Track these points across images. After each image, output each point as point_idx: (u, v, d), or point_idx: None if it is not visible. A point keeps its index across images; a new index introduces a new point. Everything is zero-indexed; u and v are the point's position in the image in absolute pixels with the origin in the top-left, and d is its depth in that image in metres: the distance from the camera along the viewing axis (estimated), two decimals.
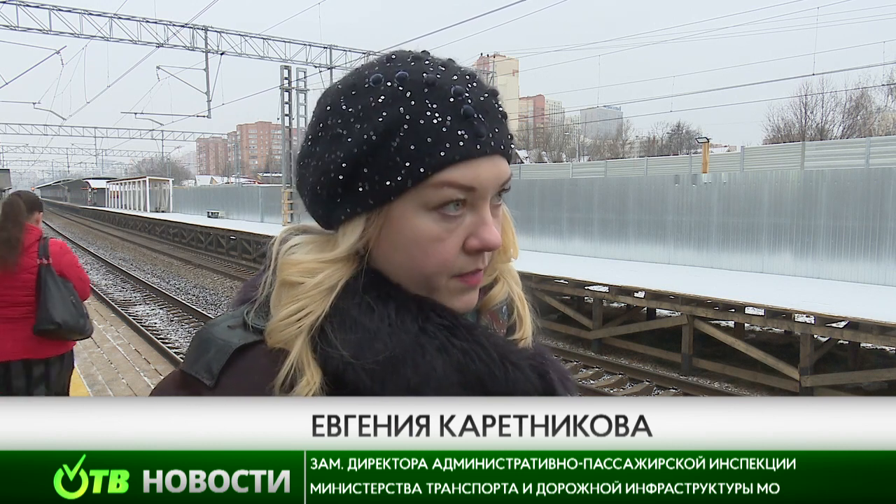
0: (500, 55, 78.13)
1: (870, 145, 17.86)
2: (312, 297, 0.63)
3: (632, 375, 8.88)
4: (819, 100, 38.37)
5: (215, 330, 0.65)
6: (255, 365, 0.62)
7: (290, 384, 0.60)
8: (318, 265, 0.64)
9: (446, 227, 0.63)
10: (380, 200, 0.63)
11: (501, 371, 0.64)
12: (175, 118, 34.67)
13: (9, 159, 78.56)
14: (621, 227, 13.42)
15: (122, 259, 23.46)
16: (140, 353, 6.31)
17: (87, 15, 19.10)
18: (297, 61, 22.09)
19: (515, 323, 0.74)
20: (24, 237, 3.32)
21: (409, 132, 0.61)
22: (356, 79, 0.66)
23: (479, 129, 0.62)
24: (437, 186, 0.62)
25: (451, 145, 0.61)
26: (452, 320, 0.65)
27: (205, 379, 0.62)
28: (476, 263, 0.66)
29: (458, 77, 0.64)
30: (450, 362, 0.63)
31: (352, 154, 0.63)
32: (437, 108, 0.62)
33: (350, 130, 0.63)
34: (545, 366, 0.68)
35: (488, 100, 0.65)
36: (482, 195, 0.64)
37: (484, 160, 0.63)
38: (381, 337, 0.62)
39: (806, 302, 8.18)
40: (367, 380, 0.61)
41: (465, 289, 0.67)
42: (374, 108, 0.62)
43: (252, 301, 0.68)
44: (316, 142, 0.66)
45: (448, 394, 0.62)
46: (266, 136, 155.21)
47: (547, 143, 71.06)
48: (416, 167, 0.61)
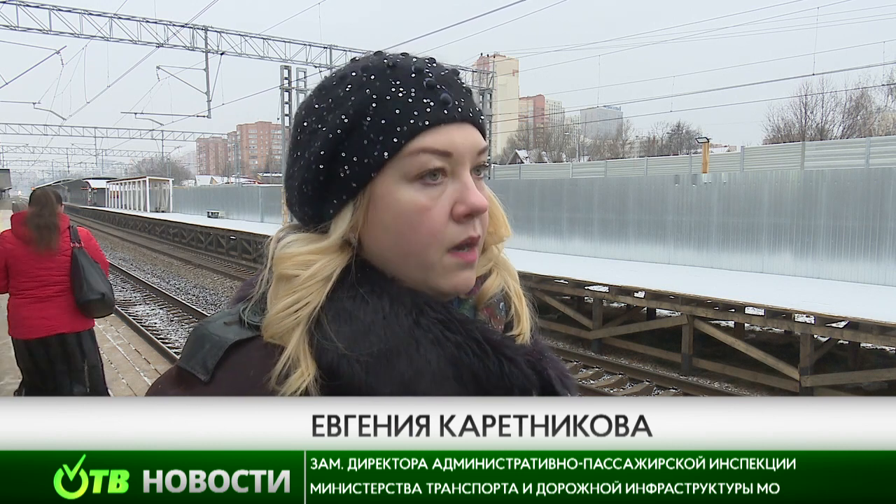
0: (500, 55, 78.16)
1: (870, 145, 17.86)
2: (308, 289, 0.63)
3: (632, 375, 8.88)
4: (819, 100, 38.40)
5: (211, 326, 0.66)
6: (249, 360, 0.62)
7: (284, 376, 0.60)
8: (311, 256, 0.65)
9: (429, 195, 0.64)
10: (361, 180, 0.65)
11: (496, 365, 0.64)
12: (175, 118, 34.69)
13: (9, 159, 78.57)
14: (621, 227, 13.42)
15: (122, 259, 23.45)
16: (140, 353, 6.31)
17: (87, 15, 19.09)
18: (297, 61, 22.09)
19: (513, 319, 0.74)
20: (60, 223, 3.74)
21: (378, 109, 0.64)
22: (324, 81, 0.70)
23: (444, 97, 0.65)
24: (413, 154, 0.64)
25: (419, 113, 0.64)
26: (447, 314, 0.65)
27: (200, 374, 0.62)
28: (468, 231, 0.66)
29: (418, 60, 0.68)
30: (444, 356, 0.63)
31: (328, 141, 0.65)
32: (401, 83, 0.65)
33: (324, 121, 0.66)
34: (542, 362, 0.69)
35: (449, 75, 0.68)
36: (459, 161, 0.65)
37: (455, 126, 0.65)
38: (375, 330, 0.62)
39: (806, 302, 8.18)
40: (361, 372, 0.61)
41: (462, 265, 0.66)
42: (343, 97, 0.65)
43: (248, 298, 0.68)
44: (296, 147, 0.69)
45: (442, 387, 0.62)
46: (266, 136, 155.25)
47: (547, 143, 71.04)
48: (389, 138, 0.63)
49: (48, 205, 3.72)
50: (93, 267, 3.76)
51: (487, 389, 0.63)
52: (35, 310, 3.64)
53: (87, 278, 3.68)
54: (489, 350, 0.64)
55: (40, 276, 3.65)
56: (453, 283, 0.66)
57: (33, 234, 3.64)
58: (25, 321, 3.66)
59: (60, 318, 3.68)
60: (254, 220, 29.49)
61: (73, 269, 3.70)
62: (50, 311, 3.66)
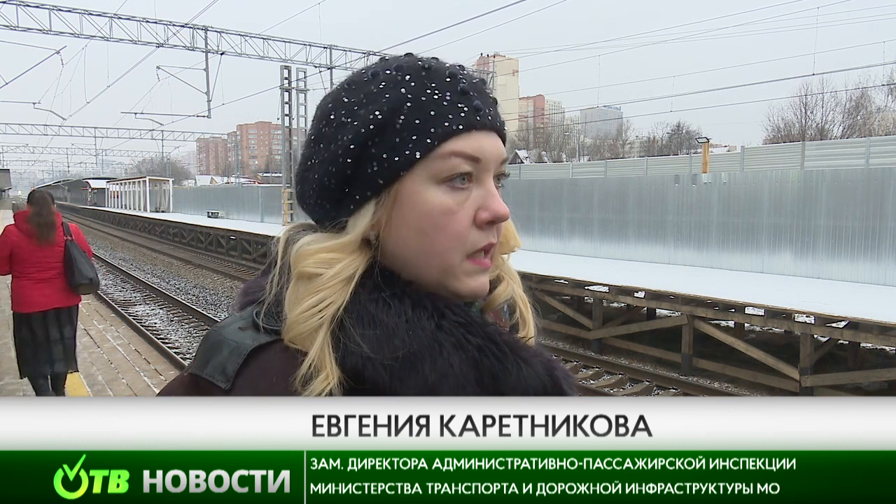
0: (500, 55, 78.13)
1: (870, 145, 17.84)
2: (332, 288, 0.63)
3: (632, 375, 8.88)
4: (819, 100, 38.40)
5: (226, 332, 0.64)
6: (270, 366, 0.61)
7: (307, 380, 0.60)
8: (333, 254, 0.64)
9: (456, 199, 0.64)
10: (389, 178, 0.64)
11: (515, 367, 0.64)
12: (175, 118, 34.65)
13: (9, 159, 78.55)
14: (621, 227, 13.42)
15: (122, 259, 23.46)
16: (140, 353, 6.31)
17: (87, 15, 19.09)
18: (297, 61, 22.09)
19: (518, 323, 0.75)
20: (56, 220, 4.56)
21: (412, 108, 0.64)
22: (354, 76, 0.69)
23: (476, 104, 0.66)
24: (444, 157, 0.64)
25: (453, 116, 0.64)
26: (466, 317, 0.65)
27: (219, 382, 0.61)
28: (489, 238, 0.66)
29: (450, 65, 0.68)
30: (466, 359, 0.63)
31: (359, 135, 0.64)
32: (437, 86, 0.65)
33: (355, 116, 0.65)
34: (553, 363, 0.69)
35: (480, 83, 0.69)
36: (486, 167, 0.66)
37: (485, 133, 0.66)
38: (399, 334, 0.62)
39: (806, 302, 8.18)
40: (385, 377, 0.60)
41: (479, 271, 0.67)
42: (376, 93, 0.65)
43: (259, 302, 0.67)
44: (320, 139, 0.67)
45: (464, 390, 0.62)
46: (266, 136, 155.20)
47: (547, 143, 71.01)
48: (423, 139, 0.63)
49: (46, 205, 4.53)
50: (82, 256, 4.64)
51: (504, 392, 0.63)
52: (37, 290, 4.52)
53: (77, 266, 4.56)
54: (508, 352, 0.64)
55: (40, 263, 4.51)
56: (471, 288, 0.66)
57: (35, 230, 4.47)
58: (29, 298, 4.53)
59: (57, 296, 4.58)
60: (254, 220, 29.49)
61: (66, 258, 4.57)
62: (48, 290, 4.55)
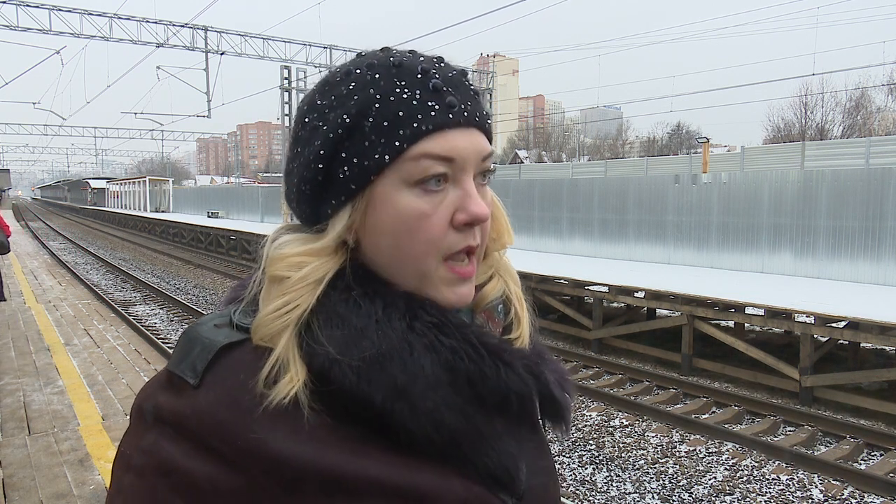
0: (500, 55, 78.18)
1: (870, 145, 17.85)
2: (299, 291, 0.62)
3: (632, 375, 8.87)
4: (819, 100, 38.41)
5: (201, 329, 0.64)
6: (239, 363, 0.61)
7: (273, 380, 0.59)
8: (304, 258, 0.63)
9: (430, 201, 0.63)
10: (361, 182, 0.63)
11: (493, 370, 0.62)
12: (175, 118, 34.71)
13: (9, 159, 78.59)
14: (621, 227, 13.43)
15: (122, 259, 23.45)
16: (140, 353, 6.30)
17: (87, 15, 19.09)
18: (297, 61, 22.09)
19: (512, 322, 0.73)
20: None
21: (381, 110, 0.62)
22: (328, 76, 0.68)
23: (450, 101, 0.63)
24: (414, 159, 0.62)
25: (422, 116, 0.62)
26: (441, 318, 0.63)
27: (189, 378, 0.60)
28: (467, 240, 0.64)
29: (425, 59, 0.66)
30: (438, 361, 0.61)
31: (328, 140, 0.63)
32: (407, 85, 0.63)
33: (325, 119, 0.64)
34: (540, 366, 0.67)
35: (457, 76, 0.66)
36: (462, 167, 0.64)
37: (459, 131, 0.64)
38: (367, 334, 0.60)
39: (806, 302, 8.18)
40: (353, 377, 0.59)
41: (458, 280, 0.65)
42: (346, 95, 0.64)
43: (240, 300, 0.67)
44: (297, 142, 0.67)
45: (437, 393, 0.60)
46: (266, 136, 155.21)
47: (547, 143, 71.02)
48: (391, 141, 0.62)
49: None
50: None
51: (483, 395, 0.62)
52: None
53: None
54: (485, 355, 0.63)
55: None
56: (450, 300, 0.65)
57: None
58: None
59: None
60: (254, 220, 29.50)
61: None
62: None
